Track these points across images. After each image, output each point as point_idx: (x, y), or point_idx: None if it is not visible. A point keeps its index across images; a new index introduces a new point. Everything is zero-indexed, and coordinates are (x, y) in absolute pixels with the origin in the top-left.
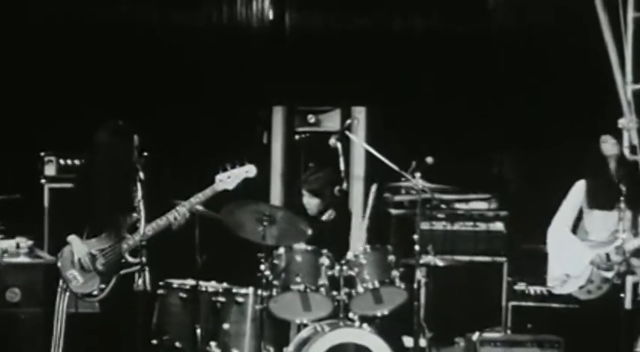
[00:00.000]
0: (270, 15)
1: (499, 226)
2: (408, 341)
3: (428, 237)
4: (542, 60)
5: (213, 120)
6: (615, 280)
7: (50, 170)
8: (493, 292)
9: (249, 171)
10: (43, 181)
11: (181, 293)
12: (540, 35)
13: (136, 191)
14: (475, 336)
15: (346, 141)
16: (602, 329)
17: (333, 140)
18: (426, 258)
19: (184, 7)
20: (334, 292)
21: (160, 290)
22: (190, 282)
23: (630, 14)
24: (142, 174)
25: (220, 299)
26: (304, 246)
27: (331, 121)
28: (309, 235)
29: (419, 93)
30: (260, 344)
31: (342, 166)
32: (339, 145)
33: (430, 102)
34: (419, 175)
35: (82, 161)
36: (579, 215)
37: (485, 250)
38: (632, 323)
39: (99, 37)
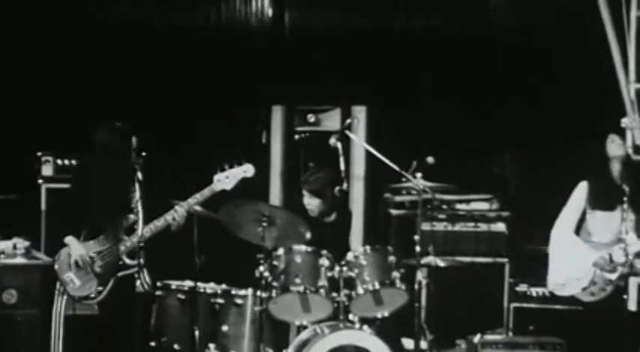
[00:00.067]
0: (270, 14)
1: (501, 227)
2: (407, 342)
3: (429, 238)
4: (542, 60)
5: (212, 119)
6: (618, 282)
7: (47, 170)
8: (495, 293)
9: (247, 171)
10: (40, 181)
11: (180, 295)
12: (540, 35)
13: (134, 192)
14: (476, 338)
15: (346, 141)
16: (605, 331)
17: (333, 140)
18: (427, 259)
19: (183, 7)
20: (334, 293)
21: (158, 291)
22: (189, 283)
23: (633, 13)
24: (140, 174)
25: (219, 300)
26: (304, 247)
27: (331, 121)
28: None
29: (419, 93)
30: (259, 346)
31: (342, 166)
32: (339, 145)
33: (430, 102)
34: (420, 175)
35: (80, 161)
36: (582, 216)
37: (487, 251)
38: (636, 325)
39: (97, 37)
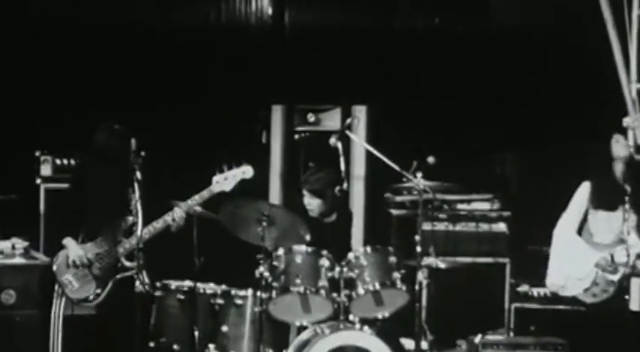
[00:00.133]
0: (270, 13)
1: (502, 227)
2: (407, 343)
3: (429, 238)
4: (542, 60)
5: (212, 119)
6: (621, 283)
7: (46, 170)
8: (496, 294)
9: (245, 172)
10: (38, 181)
11: (179, 295)
12: (540, 35)
13: (133, 193)
14: (477, 339)
15: (347, 141)
16: (606, 331)
17: (333, 139)
18: (428, 260)
19: (183, 6)
20: (334, 294)
21: (158, 291)
22: (188, 284)
23: (635, 12)
24: (139, 174)
25: (219, 301)
26: (304, 248)
27: (331, 120)
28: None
29: (419, 93)
30: (259, 346)
31: (342, 166)
32: (339, 145)
33: (430, 102)
34: (420, 175)
35: (78, 163)
36: (584, 217)
37: (488, 251)
38: (637, 325)
39: (97, 37)
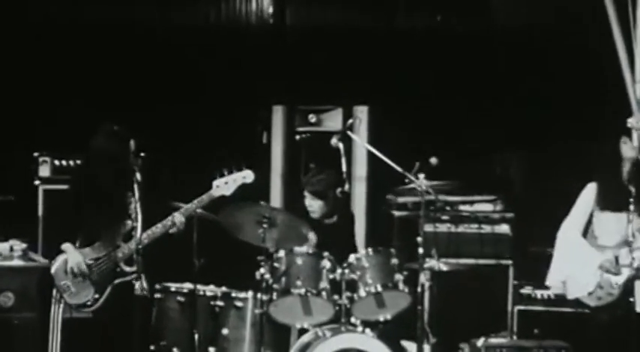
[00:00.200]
0: (270, 12)
1: (505, 228)
2: (408, 345)
3: (432, 240)
4: (542, 60)
5: (212, 119)
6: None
7: (45, 171)
8: (499, 296)
9: (246, 177)
10: (37, 182)
11: (179, 298)
12: (541, 35)
13: (132, 197)
14: (480, 342)
15: (348, 142)
16: (611, 333)
17: (334, 140)
18: (430, 262)
19: (183, 6)
20: (336, 296)
21: (158, 294)
22: (188, 286)
23: (639, 11)
24: (139, 175)
25: (219, 303)
26: (305, 249)
27: (333, 121)
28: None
29: (419, 93)
30: (260, 349)
31: (344, 167)
32: (340, 145)
33: (431, 102)
34: (422, 176)
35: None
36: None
37: (491, 253)
38: None
39: (97, 37)
